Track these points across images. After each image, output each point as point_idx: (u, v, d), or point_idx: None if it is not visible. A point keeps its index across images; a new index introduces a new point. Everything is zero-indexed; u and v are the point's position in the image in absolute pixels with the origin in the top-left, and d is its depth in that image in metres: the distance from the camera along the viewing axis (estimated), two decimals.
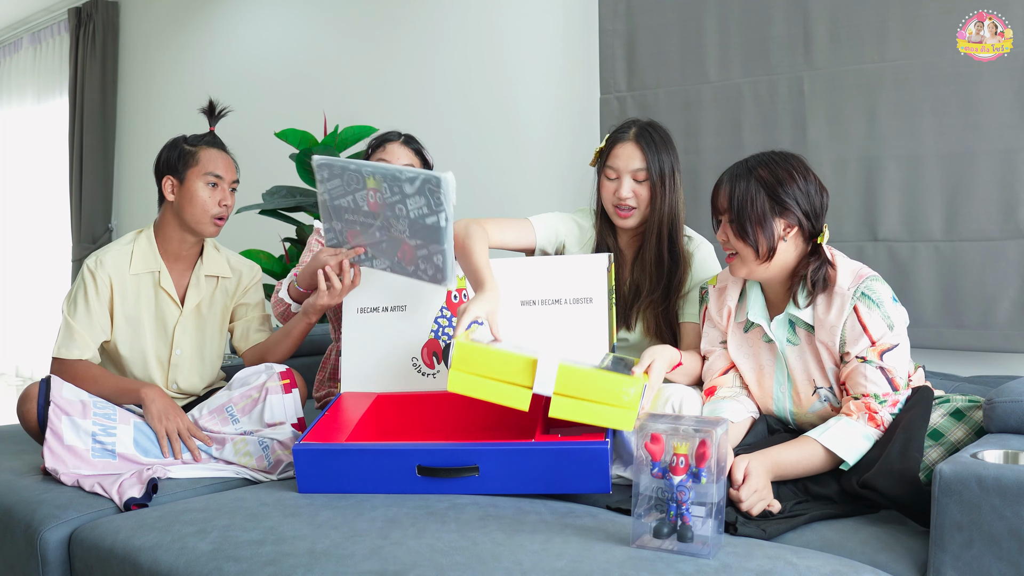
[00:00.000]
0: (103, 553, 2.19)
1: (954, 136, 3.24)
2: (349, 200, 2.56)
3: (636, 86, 3.96)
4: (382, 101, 5.14)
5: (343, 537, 2.01)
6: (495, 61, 4.64)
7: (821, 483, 2.27)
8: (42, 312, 8.23)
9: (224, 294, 3.09)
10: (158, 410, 2.72)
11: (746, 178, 2.36)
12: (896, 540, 2.05)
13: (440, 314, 2.75)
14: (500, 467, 2.28)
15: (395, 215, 2.51)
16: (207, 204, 2.91)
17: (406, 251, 2.56)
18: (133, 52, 7.15)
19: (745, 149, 3.61)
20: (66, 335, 2.88)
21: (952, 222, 3.25)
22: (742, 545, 1.95)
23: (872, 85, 3.39)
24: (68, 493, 2.50)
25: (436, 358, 2.72)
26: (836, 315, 2.34)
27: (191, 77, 6.54)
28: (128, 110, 7.22)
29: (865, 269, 2.37)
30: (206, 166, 2.92)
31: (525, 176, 4.49)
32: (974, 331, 3.22)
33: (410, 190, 2.44)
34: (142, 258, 2.95)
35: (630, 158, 2.76)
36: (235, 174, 3.00)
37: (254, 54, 6.05)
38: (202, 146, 2.95)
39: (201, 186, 2.91)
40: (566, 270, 2.69)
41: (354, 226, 2.61)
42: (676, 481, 1.89)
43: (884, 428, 2.26)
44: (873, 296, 2.30)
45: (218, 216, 2.94)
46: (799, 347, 2.43)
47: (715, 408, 2.47)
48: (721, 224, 2.43)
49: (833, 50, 3.47)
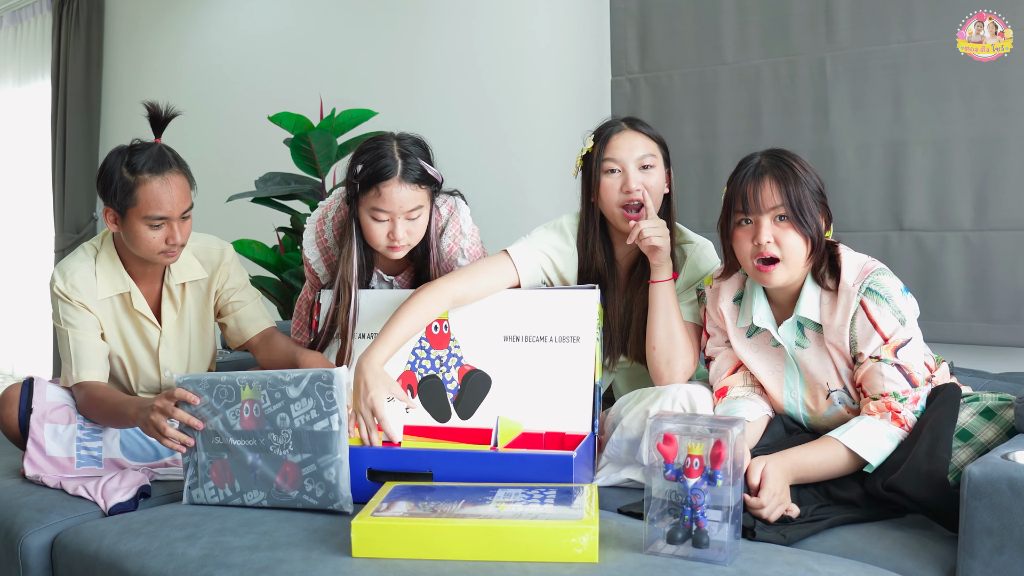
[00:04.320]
0: (87, 559, 2.19)
1: (984, 120, 3.23)
2: (218, 421, 2.35)
3: (649, 68, 3.95)
4: (382, 83, 5.13)
5: (342, 543, 2.01)
6: (501, 42, 4.63)
7: (843, 486, 2.27)
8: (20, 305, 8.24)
9: (200, 294, 2.93)
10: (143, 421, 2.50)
11: (789, 172, 2.31)
12: (923, 546, 2.05)
13: (419, 345, 2.71)
14: (455, 474, 2.26)
15: (275, 428, 2.30)
16: (152, 244, 2.66)
17: (288, 473, 2.30)
18: (119, 31, 7.15)
19: (764, 134, 3.61)
20: (77, 355, 2.73)
21: (982, 211, 3.24)
22: (760, 551, 1.95)
23: (898, 66, 3.38)
24: (50, 496, 2.50)
25: (411, 391, 2.68)
26: (843, 314, 2.32)
27: (180, 58, 6.54)
28: (114, 93, 7.22)
29: (871, 262, 2.36)
30: (147, 207, 2.62)
31: (532, 163, 4.49)
32: (1005, 325, 3.22)
33: (295, 393, 2.28)
34: (108, 280, 2.78)
35: (632, 146, 2.66)
36: (187, 202, 2.68)
37: (247, 32, 6.04)
38: (142, 176, 2.62)
39: (143, 228, 2.64)
40: (553, 305, 2.66)
41: (221, 454, 2.36)
42: (690, 484, 1.89)
43: (909, 428, 2.26)
44: (880, 291, 2.28)
45: (167, 252, 2.69)
46: (809, 349, 2.42)
47: (729, 408, 2.46)
48: (758, 225, 2.33)
49: (857, 29, 3.47)
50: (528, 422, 2.56)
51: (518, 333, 2.67)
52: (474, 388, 2.64)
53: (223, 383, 2.34)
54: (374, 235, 2.68)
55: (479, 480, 2.22)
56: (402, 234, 2.65)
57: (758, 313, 2.46)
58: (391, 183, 2.60)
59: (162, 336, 2.86)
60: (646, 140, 2.67)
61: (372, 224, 2.66)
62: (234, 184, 5.16)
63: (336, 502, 2.24)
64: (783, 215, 2.30)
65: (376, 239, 2.68)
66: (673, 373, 2.60)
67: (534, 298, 2.69)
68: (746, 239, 2.35)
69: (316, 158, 4.44)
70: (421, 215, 2.68)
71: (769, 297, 2.48)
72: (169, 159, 2.67)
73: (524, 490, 2.13)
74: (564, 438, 2.53)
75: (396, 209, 2.62)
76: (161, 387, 2.90)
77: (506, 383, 2.62)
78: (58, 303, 2.74)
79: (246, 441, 2.33)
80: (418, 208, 2.65)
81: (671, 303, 2.61)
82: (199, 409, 2.35)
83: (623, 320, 2.77)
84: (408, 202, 2.63)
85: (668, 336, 2.60)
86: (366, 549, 1.95)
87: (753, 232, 2.33)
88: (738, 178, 2.37)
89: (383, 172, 2.60)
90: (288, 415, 2.28)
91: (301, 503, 2.28)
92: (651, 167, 2.65)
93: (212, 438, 2.36)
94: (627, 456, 2.48)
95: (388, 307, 2.73)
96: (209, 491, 2.37)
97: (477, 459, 2.27)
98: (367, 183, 2.63)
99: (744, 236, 2.36)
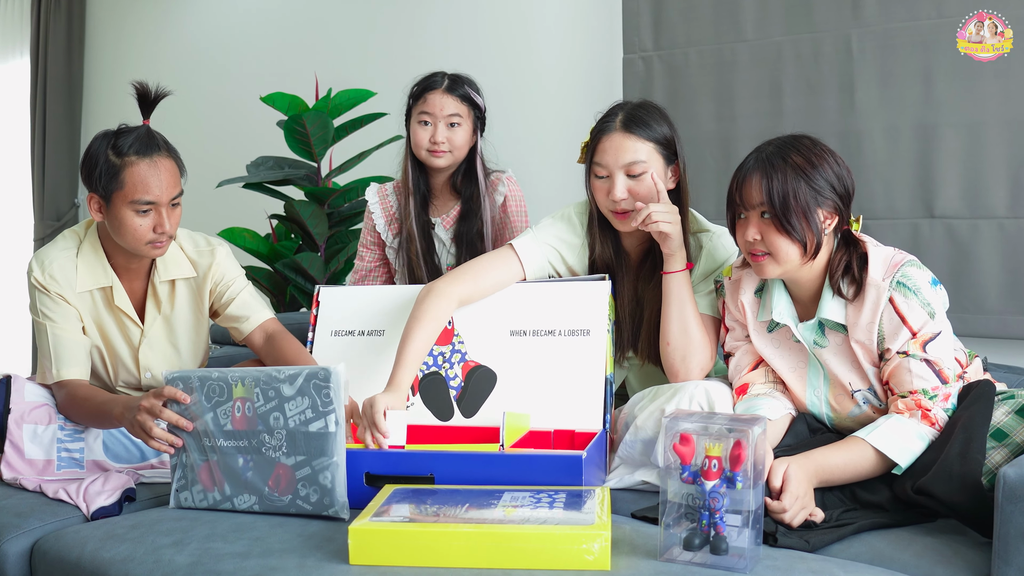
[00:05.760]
0: (69, 566, 2.19)
1: (1020, 100, 3.22)
2: (209, 420, 2.33)
3: (663, 45, 3.94)
4: (381, 61, 5.13)
5: (338, 549, 2.01)
6: (504, 18, 4.62)
7: (871, 489, 2.26)
8: None
9: (191, 293, 2.90)
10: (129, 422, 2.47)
11: (780, 166, 2.30)
12: (955, 552, 2.04)
13: None
14: (458, 476, 2.25)
15: (268, 429, 2.28)
16: (139, 232, 2.63)
17: (281, 476, 2.28)
18: (102, 7, 7.14)
19: (785, 116, 3.60)
20: (57, 352, 2.71)
21: (1018, 196, 3.24)
22: (783, 558, 1.94)
23: (928, 43, 3.37)
24: (29, 500, 2.50)
25: (412, 389, 2.69)
26: (871, 311, 2.31)
27: (167, 35, 6.53)
28: (97, 72, 7.21)
29: (899, 254, 2.35)
30: (133, 191, 2.59)
31: (540, 146, 4.48)
32: None
33: (289, 391, 2.26)
34: (89, 272, 2.75)
35: (619, 151, 2.62)
36: (176, 188, 2.67)
37: (238, 7, 6.03)
38: (129, 159, 2.60)
39: (130, 214, 2.61)
40: (562, 297, 2.67)
41: (211, 455, 2.34)
42: (708, 487, 1.88)
43: (940, 427, 2.25)
44: (909, 283, 2.27)
45: (155, 242, 2.67)
46: (829, 349, 2.41)
47: (750, 406, 2.45)
48: (748, 221, 2.36)
49: (885, 4, 3.46)
50: (536, 420, 2.56)
51: (525, 327, 2.66)
52: (478, 385, 2.64)
53: (214, 380, 2.33)
54: (419, 139, 3.16)
55: (483, 483, 2.21)
56: (442, 137, 3.13)
57: (778, 308, 2.45)
58: (436, 92, 3.16)
59: (144, 336, 2.83)
60: (637, 144, 2.62)
61: (418, 130, 3.16)
62: (224, 169, 5.15)
63: (331, 508, 2.23)
64: (766, 213, 2.31)
65: (420, 142, 3.16)
66: (689, 370, 2.59)
67: (542, 290, 2.69)
68: (742, 232, 2.37)
69: (311, 141, 4.44)
70: (462, 126, 3.17)
71: (791, 292, 2.47)
72: (158, 141, 2.66)
73: (531, 493, 2.12)
74: (574, 436, 2.53)
75: (438, 112, 3.13)
76: (141, 385, 2.89)
77: (512, 379, 2.62)
78: (35, 294, 2.73)
79: (237, 442, 2.31)
80: (457, 116, 3.15)
81: (685, 295, 2.60)
82: (189, 407, 2.35)
83: (632, 315, 2.77)
84: (449, 107, 3.14)
85: (683, 331, 2.59)
86: (364, 556, 1.94)
87: (746, 226, 2.35)
88: (737, 169, 2.40)
89: (431, 83, 3.19)
90: (282, 415, 2.26)
91: (295, 508, 2.27)
92: (641, 175, 2.61)
93: (202, 438, 2.35)
94: (641, 457, 2.48)
95: (360, 305, 2.81)
96: (198, 494, 2.36)
97: (481, 461, 2.27)
98: (417, 94, 3.19)
99: (740, 229, 2.38)
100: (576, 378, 2.58)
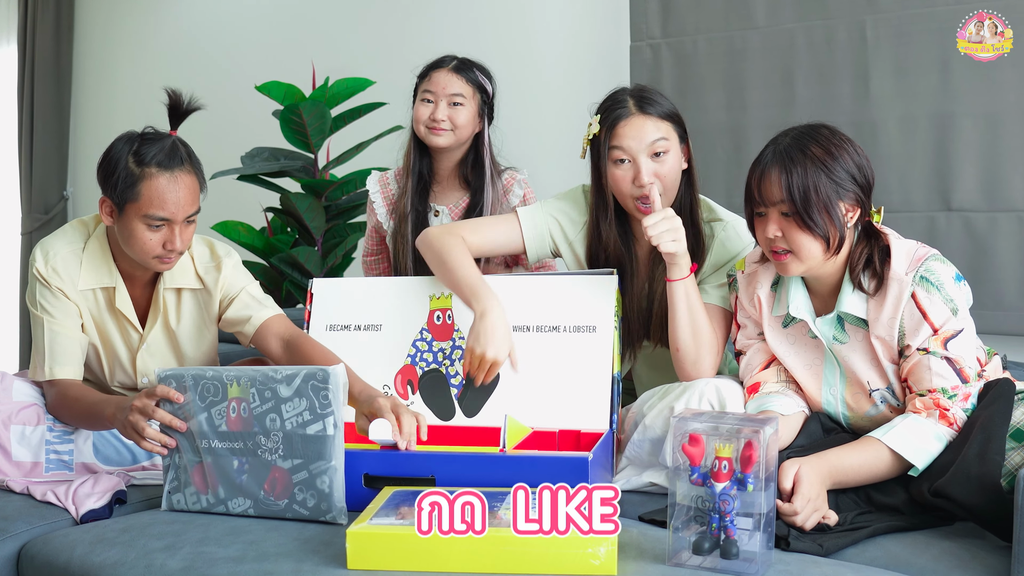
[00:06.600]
0: (57, 571, 2.19)
1: None
2: (203, 420, 2.32)
3: (672, 32, 3.94)
4: (380, 49, 5.13)
5: (336, 553, 2.01)
6: (509, 5, 4.62)
7: (886, 491, 2.26)
8: None
9: (197, 304, 2.87)
10: (121, 422, 2.47)
11: (799, 159, 2.28)
12: (973, 556, 2.04)
13: (420, 336, 2.73)
14: (460, 478, 2.23)
15: (264, 430, 2.27)
16: (147, 246, 2.60)
17: (277, 480, 2.27)
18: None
19: (797, 105, 3.60)
20: (51, 349, 2.69)
21: None
22: (795, 563, 1.94)
23: (945, 31, 3.37)
24: (16, 502, 2.50)
25: (411, 387, 2.70)
26: (893, 306, 2.31)
27: (159, 22, 6.53)
28: (85, 60, 7.20)
29: (922, 248, 2.34)
30: (148, 205, 2.56)
31: (542, 137, 4.48)
32: None
33: (286, 392, 2.25)
34: (93, 270, 2.74)
35: (641, 132, 2.61)
36: (193, 206, 2.64)
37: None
38: (149, 170, 2.56)
39: (141, 227, 2.58)
40: (567, 292, 2.67)
41: (205, 457, 2.33)
42: (719, 489, 1.88)
43: (958, 427, 2.25)
44: (932, 278, 2.27)
45: (163, 258, 2.64)
46: (848, 345, 2.41)
47: (761, 404, 2.45)
48: (768, 217, 2.34)
49: None
50: (540, 419, 2.56)
51: (529, 323, 2.66)
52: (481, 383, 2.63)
53: (208, 379, 2.32)
54: (419, 114, 3.21)
55: (486, 485, 2.20)
56: (442, 115, 3.17)
57: (795, 302, 2.44)
58: (442, 70, 3.24)
59: (143, 343, 2.82)
60: (657, 123, 2.63)
61: (420, 107, 3.22)
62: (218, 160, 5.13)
63: (329, 513, 2.23)
64: (787, 211, 2.29)
65: (421, 118, 3.20)
66: (700, 372, 2.59)
67: (546, 285, 2.69)
68: (761, 229, 2.36)
69: (308, 131, 4.44)
70: (464, 106, 3.21)
71: (808, 286, 2.46)
72: (182, 155, 2.63)
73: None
74: (579, 436, 2.52)
75: (440, 90, 3.19)
76: (137, 388, 2.87)
77: (516, 377, 2.61)
78: (36, 285, 2.72)
79: (232, 444, 2.30)
80: (460, 96, 3.21)
81: (694, 299, 2.59)
82: (182, 407, 2.34)
83: (643, 309, 2.76)
84: (453, 86, 3.20)
85: (693, 335, 2.58)
86: (363, 560, 1.94)
87: (766, 223, 2.34)
88: (754, 163, 2.37)
89: (440, 62, 3.27)
90: (279, 416, 2.25)
91: (291, 513, 2.26)
92: (664, 153, 2.62)
93: (195, 439, 2.34)
94: (649, 458, 2.48)
95: (355, 298, 2.81)
96: (191, 497, 2.36)
97: (483, 462, 2.27)
98: (424, 73, 3.28)
99: (760, 226, 2.37)
100: (582, 376, 2.58)
